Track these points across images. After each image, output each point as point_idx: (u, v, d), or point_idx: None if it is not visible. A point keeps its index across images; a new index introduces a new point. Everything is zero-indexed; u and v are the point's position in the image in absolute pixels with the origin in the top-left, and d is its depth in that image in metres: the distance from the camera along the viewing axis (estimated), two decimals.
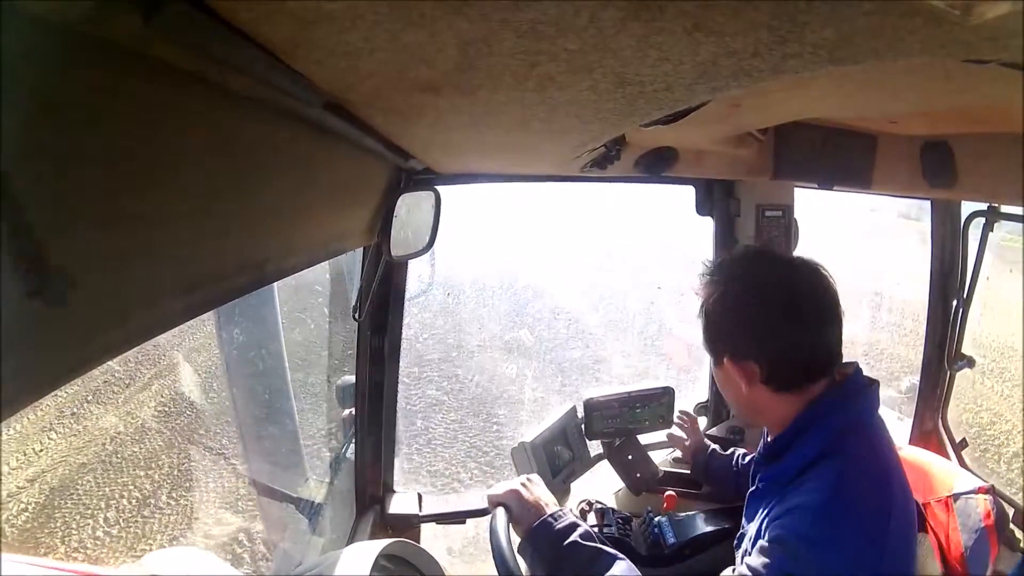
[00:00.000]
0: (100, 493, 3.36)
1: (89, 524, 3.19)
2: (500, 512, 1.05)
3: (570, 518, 1.01)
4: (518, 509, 1.03)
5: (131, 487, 3.44)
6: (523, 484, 1.07)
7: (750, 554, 0.89)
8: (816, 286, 0.92)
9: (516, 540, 1.04)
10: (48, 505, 3.20)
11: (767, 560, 0.82)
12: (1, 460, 3.25)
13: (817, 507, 0.82)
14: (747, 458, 1.37)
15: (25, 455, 3.37)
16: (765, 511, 0.91)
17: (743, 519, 1.06)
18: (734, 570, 0.91)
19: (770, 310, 0.91)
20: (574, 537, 0.97)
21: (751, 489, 1.04)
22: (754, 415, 1.00)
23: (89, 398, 3.77)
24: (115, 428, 3.72)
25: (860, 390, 0.95)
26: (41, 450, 3.43)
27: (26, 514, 3.12)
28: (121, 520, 3.25)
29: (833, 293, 0.93)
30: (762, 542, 0.85)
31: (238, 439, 2.17)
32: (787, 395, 0.93)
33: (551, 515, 1.01)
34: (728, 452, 1.41)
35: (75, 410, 3.69)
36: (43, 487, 3.27)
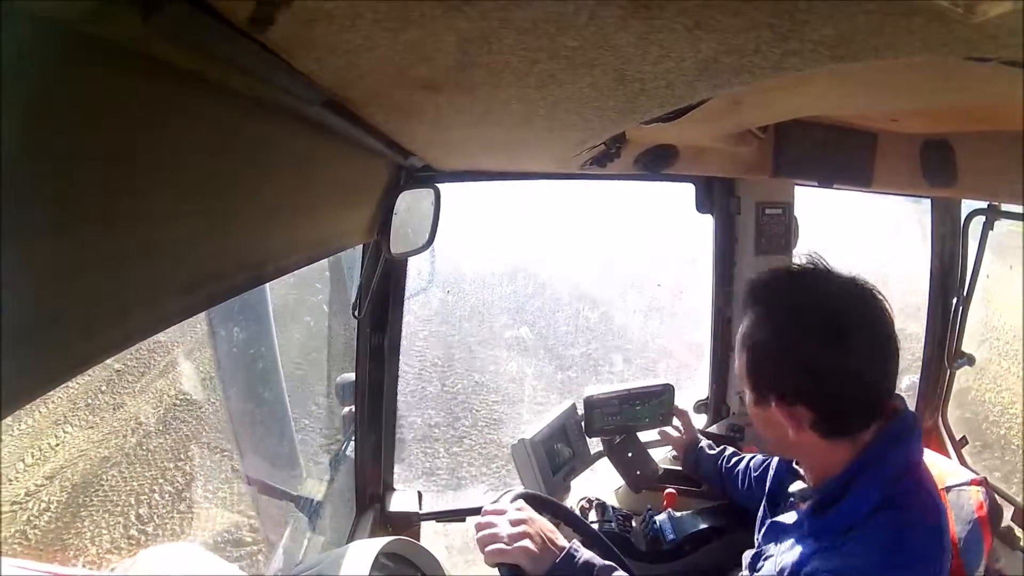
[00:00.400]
0: (128, 488, 3.25)
1: (120, 523, 3.08)
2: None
3: (585, 554, 0.94)
4: (530, 564, 0.93)
5: (161, 481, 3.32)
6: (522, 532, 0.96)
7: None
8: (871, 314, 0.81)
9: None
10: (72, 503, 3.08)
11: None
12: (1, 460, 3.24)
13: (868, 568, 0.76)
14: (733, 459, 1.36)
15: (40, 450, 3.28)
16: (811, 547, 0.83)
17: (759, 540, 1.00)
18: None
19: (823, 347, 0.79)
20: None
21: (776, 516, 0.98)
22: (799, 458, 0.92)
23: (103, 388, 3.68)
24: (135, 419, 3.63)
25: (910, 429, 0.85)
26: (57, 444, 3.34)
27: (48, 514, 3.00)
28: (156, 517, 3.13)
29: (890, 321, 0.82)
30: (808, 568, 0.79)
31: (232, 437, 2.16)
32: (838, 441, 0.83)
33: (569, 553, 0.94)
34: (716, 451, 1.41)
35: (89, 401, 3.60)
36: (64, 484, 3.16)
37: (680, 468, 1.59)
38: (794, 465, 0.98)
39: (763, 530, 0.99)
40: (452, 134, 0.83)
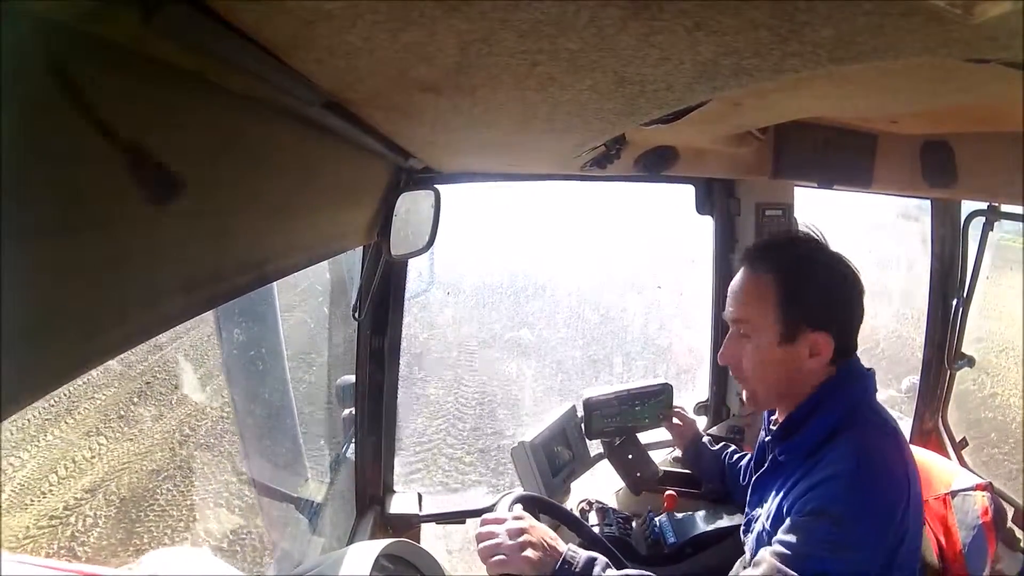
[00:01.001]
0: (187, 503, 3.15)
1: (187, 538, 2.95)
2: (502, 506, 1.05)
3: (584, 555, 0.97)
4: (534, 572, 0.96)
5: (227, 494, 3.19)
6: (523, 541, 0.97)
7: (770, 533, 0.92)
8: (854, 269, 1.02)
9: None
10: (124, 519, 2.96)
11: (807, 532, 0.86)
12: (1, 460, 3.21)
13: (849, 474, 0.87)
14: (735, 456, 1.38)
15: (74, 462, 3.17)
16: (786, 487, 0.95)
17: (747, 506, 1.09)
18: (755, 559, 0.91)
19: (844, 283, 0.99)
20: (596, 572, 0.95)
21: (758, 473, 1.07)
22: (784, 394, 1.02)
23: (135, 399, 3.61)
24: (180, 431, 3.53)
25: (864, 372, 1.02)
26: (92, 456, 3.23)
27: (98, 529, 2.86)
28: (230, 533, 2.94)
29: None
30: (794, 518, 0.88)
31: (238, 439, 2.14)
32: (832, 367, 0.99)
33: (565, 559, 0.96)
34: (717, 447, 1.43)
35: (121, 412, 3.50)
36: (110, 497, 3.05)
37: (679, 470, 1.59)
38: (770, 426, 1.09)
39: (750, 495, 1.09)
40: (452, 136, 0.83)
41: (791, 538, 0.86)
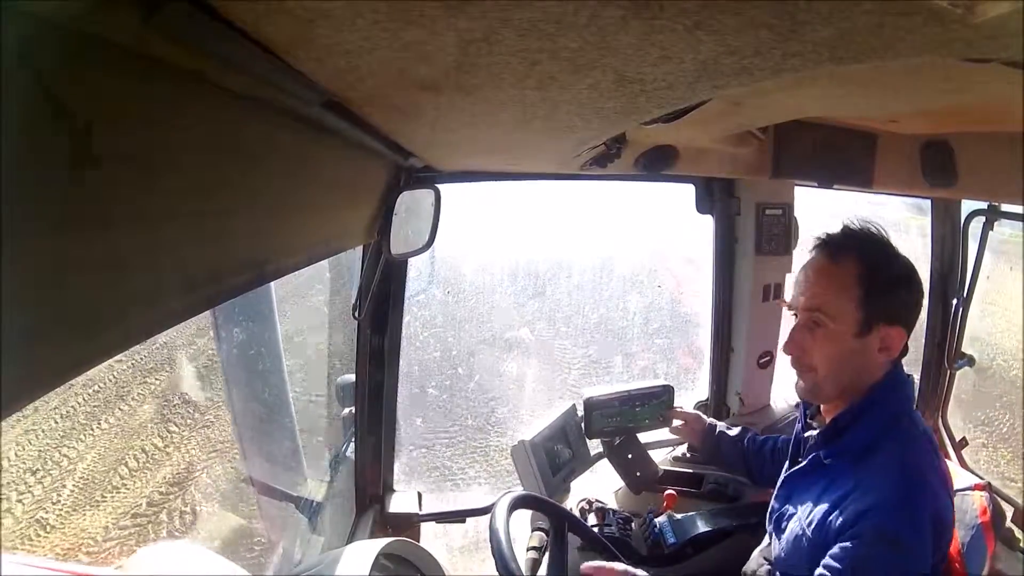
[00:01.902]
0: None
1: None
2: (502, 505, 1.06)
3: None
4: None
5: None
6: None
7: (811, 540, 0.94)
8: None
9: (516, 539, 1.04)
10: (234, 511, 2.71)
11: (867, 559, 0.87)
12: (1, 460, 3.20)
13: (896, 491, 0.89)
14: (759, 440, 1.37)
15: (144, 452, 2.98)
16: (834, 497, 0.95)
17: (776, 499, 1.09)
18: (778, 549, 0.97)
19: (916, 283, 1.01)
20: None
21: (792, 469, 1.08)
22: (847, 387, 1.01)
23: (197, 383, 3.45)
24: None
25: (906, 379, 1.05)
26: (166, 445, 3.08)
27: (203, 524, 2.65)
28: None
29: None
30: (852, 543, 0.88)
31: (236, 438, 2.12)
32: (888, 366, 1.00)
33: None
34: (736, 432, 1.41)
35: (184, 397, 3.32)
36: (206, 491, 2.86)
37: (679, 469, 1.59)
38: (809, 420, 1.08)
39: (780, 488, 1.09)
40: (452, 135, 0.83)
41: (849, 563, 0.87)
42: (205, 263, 0.42)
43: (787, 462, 1.12)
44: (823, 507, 0.95)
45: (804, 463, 1.04)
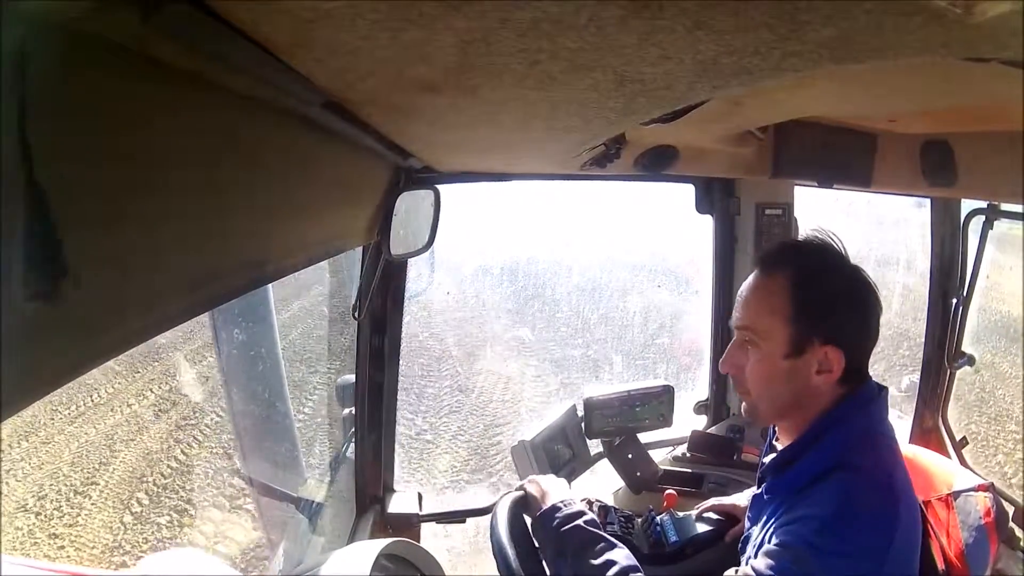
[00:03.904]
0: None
1: None
2: (503, 505, 1.08)
3: (578, 506, 1.06)
4: (533, 493, 1.11)
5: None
6: (553, 480, 1.15)
7: (754, 557, 0.89)
8: (871, 284, 0.95)
9: (516, 536, 1.04)
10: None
11: (771, 563, 0.83)
12: (1, 460, 3.20)
13: (824, 517, 0.83)
14: None
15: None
16: (772, 518, 0.91)
17: (746, 520, 1.07)
18: (737, 571, 0.91)
19: (861, 297, 0.93)
20: (578, 522, 1.02)
21: (756, 492, 1.04)
22: (786, 411, 0.96)
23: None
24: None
25: (873, 397, 0.95)
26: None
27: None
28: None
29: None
30: (768, 546, 0.86)
31: (235, 439, 2.13)
32: (840, 389, 0.93)
33: (561, 501, 1.06)
34: None
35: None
36: None
37: (679, 469, 1.59)
38: (773, 442, 1.05)
39: (748, 510, 1.07)
40: (452, 135, 0.83)
41: (759, 565, 0.84)
42: (205, 263, 0.42)
43: (755, 485, 1.08)
44: (762, 534, 0.92)
45: (761, 489, 1.00)
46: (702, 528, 1.34)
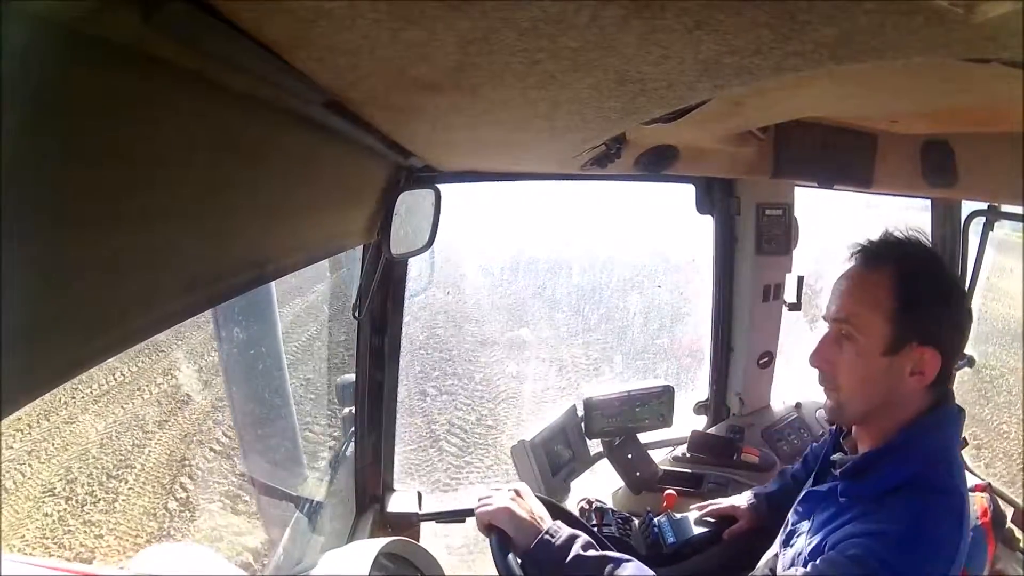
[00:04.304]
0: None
1: None
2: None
3: (566, 531, 0.99)
4: (513, 530, 1.01)
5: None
6: (512, 499, 1.04)
7: (807, 560, 0.89)
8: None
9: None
10: None
11: (838, 573, 0.82)
12: (1, 460, 3.19)
13: (901, 537, 0.81)
14: (789, 471, 1.30)
15: None
16: (838, 523, 0.89)
17: (794, 512, 1.04)
18: (783, 565, 0.91)
19: (960, 303, 0.91)
20: (576, 550, 0.96)
21: (814, 486, 1.02)
22: (874, 412, 0.93)
23: None
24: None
25: (956, 415, 0.93)
26: None
27: None
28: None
29: None
30: (834, 554, 0.84)
31: (236, 437, 2.14)
32: (928, 398, 0.91)
33: (548, 532, 0.99)
34: (777, 485, 1.30)
35: None
36: None
37: (679, 469, 1.59)
38: (840, 440, 1.04)
39: (799, 502, 1.03)
40: (452, 135, 0.83)
41: (826, 571, 0.83)
42: (205, 263, 0.42)
43: (811, 477, 1.07)
44: (824, 532, 0.90)
45: (824, 487, 0.98)
46: (699, 529, 1.34)
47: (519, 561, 0.99)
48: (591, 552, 0.96)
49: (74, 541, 3.08)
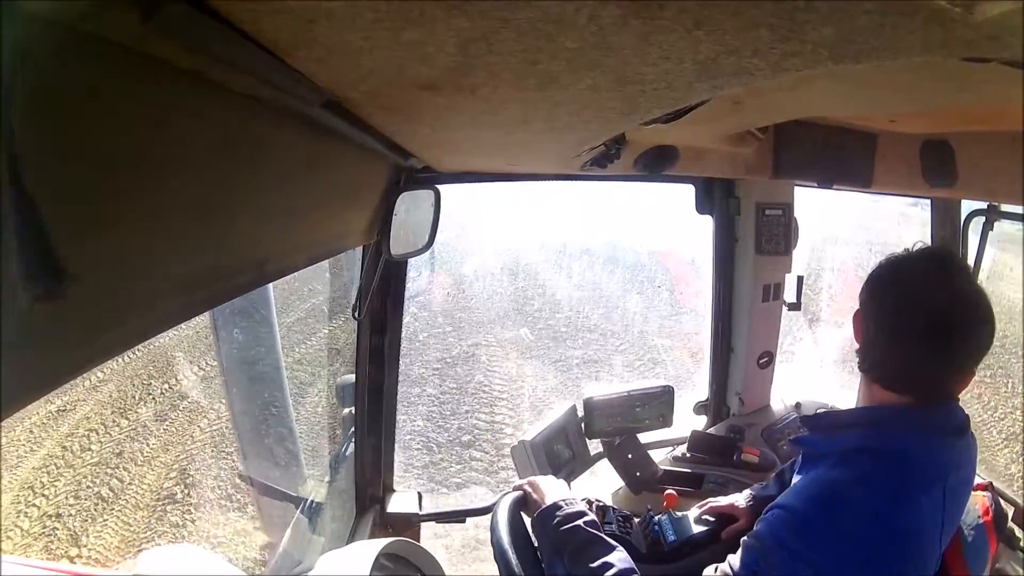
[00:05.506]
0: None
1: None
2: (503, 505, 1.09)
3: (578, 507, 1.07)
4: (533, 492, 1.12)
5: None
6: (547, 479, 1.16)
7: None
8: (967, 319, 0.85)
9: (517, 535, 1.04)
10: None
11: (742, 550, 0.87)
12: (1, 459, 3.19)
13: (806, 516, 0.84)
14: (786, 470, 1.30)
15: None
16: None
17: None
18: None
19: (913, 323, 0.86)
20: (578, 522, 1.03)
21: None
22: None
23: None
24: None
25: (935, 429, 0.89)
26: None
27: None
28: None
29: (982, 329, 0.86)
30: (755, 527, 0.89)
31: (235, 439, 2.14)
32: (876, 388, 0.92)
33: (563, 500, 1.07)
34: (772, 485, 1.31)
35: None
36: None
37: (679, 469, 1.59)
38: None
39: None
40: (452, 135, 0.83)
41: (750, 540, 0.88)
42: (205, 262, 0.42)
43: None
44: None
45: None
46: (699, 528, 1.34)
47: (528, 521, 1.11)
48: (589, 529, 1.03)
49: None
